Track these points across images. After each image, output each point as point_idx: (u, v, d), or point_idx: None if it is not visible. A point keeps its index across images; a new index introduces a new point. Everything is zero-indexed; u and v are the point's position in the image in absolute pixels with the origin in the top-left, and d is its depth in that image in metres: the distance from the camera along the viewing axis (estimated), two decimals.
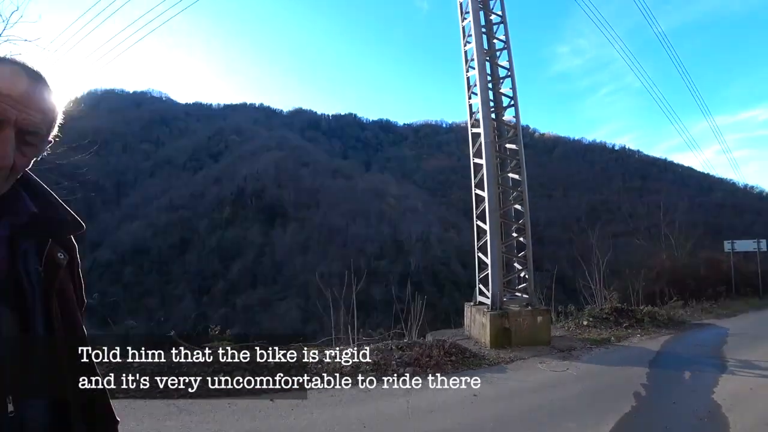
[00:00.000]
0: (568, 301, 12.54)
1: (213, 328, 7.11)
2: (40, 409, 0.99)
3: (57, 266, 1.03)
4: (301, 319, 39.21)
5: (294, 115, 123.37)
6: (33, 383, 0.98)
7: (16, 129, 0.92)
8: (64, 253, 1.07)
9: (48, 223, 1.06)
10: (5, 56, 0.98)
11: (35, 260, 1.01)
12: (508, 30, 9.29)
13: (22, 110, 0.92)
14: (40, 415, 0.99)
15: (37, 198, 1.08)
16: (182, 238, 63.07)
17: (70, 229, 1.11)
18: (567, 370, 6.67)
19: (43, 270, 1.01)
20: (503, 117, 9.35)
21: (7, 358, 0.94)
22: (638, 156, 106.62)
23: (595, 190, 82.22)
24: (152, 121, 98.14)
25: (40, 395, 0.99)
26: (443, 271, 55.54)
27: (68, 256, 1.08)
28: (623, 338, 9.01)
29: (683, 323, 10.98)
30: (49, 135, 1.01)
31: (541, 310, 8.48)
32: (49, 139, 1.03)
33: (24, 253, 1.00)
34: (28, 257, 1.01)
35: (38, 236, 1.04)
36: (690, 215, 20.66)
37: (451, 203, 78.73)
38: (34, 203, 1.06)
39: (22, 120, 0.92)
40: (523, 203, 9.00)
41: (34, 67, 0.99)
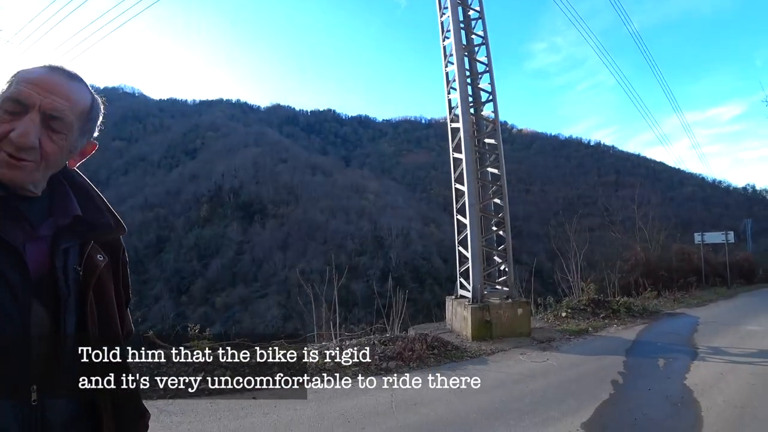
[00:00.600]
0: (546, 293, 12.79)
1: (192, 327, 6.96)
2: (65, 401, 1.03)
3: (95, 267, 1.07)
4: (282, 317, 38.86)
5: (271, 110, 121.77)
6: (60, 377, 1.02)
7: (40, 113, 0.96)
8: (103, 254, 1.11)
9: (90, 226, 1.10)
10: (45, 63, 1.04)
11: (76, 260, 1.06)
12: (486, 26, 9.36)
13: (46, 96, 0.97)
14: (62, 406, 1.02)
15: (84, 200, 1.12)
16: (159, 236, 61.68)
17: (111, 232, 1.16)
18: (547, 360, 6.79)
19: (82, 270, 1.05)
20: (482, 112, 9.43)
21: (37, 352, 0.97)
22: (613, 151, 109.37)
23: (572, 184, 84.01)
24: (125, 117, 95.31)
25: (65, 390, 1.03)
26: (424, 266, 55.86)
27: (107, 258, 1.12)
28: (600, 328, 9.24)
29: (657, 313, 11.34)
30: (83, 127, 1.05)
31: (521, 303, 8.61)
32: (84, 131, 1.06)
33: (65, 252, 1.04)
34: (69, 257, 1.05)
35: (80, 237, 1.08)
36: (662, 209, 21.28)
37: (431, 198, 79.27)
38: (80, 204, 1.10)
39: (46, 104, 0.96)
40: (503, 197, 9.10)
41: (68, 68, 1.05)
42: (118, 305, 1.20)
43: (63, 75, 1.02)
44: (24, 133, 0.93)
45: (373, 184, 79.36)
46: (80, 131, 1.05)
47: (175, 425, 4.10)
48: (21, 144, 0.93)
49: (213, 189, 70.79)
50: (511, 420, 4.42)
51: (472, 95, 9.32)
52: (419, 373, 6.06)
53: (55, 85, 0.99)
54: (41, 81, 0.98)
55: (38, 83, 0.97)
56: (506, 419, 4.44)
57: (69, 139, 1.02)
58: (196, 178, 73.86)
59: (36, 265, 0.99)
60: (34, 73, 0.99)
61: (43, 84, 0.97)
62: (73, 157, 1.09)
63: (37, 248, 1.00)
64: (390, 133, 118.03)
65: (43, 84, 0.97)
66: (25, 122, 0.94)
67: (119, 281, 1.21)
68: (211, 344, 6.61)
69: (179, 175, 75.55)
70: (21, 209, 0.99)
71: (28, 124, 0.94)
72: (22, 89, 0.96)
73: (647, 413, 4.60)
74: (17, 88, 0.97)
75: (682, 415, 4.62)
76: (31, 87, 0.96)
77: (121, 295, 1.23)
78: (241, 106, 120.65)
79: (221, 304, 49.21)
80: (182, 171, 76.76)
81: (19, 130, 0.93)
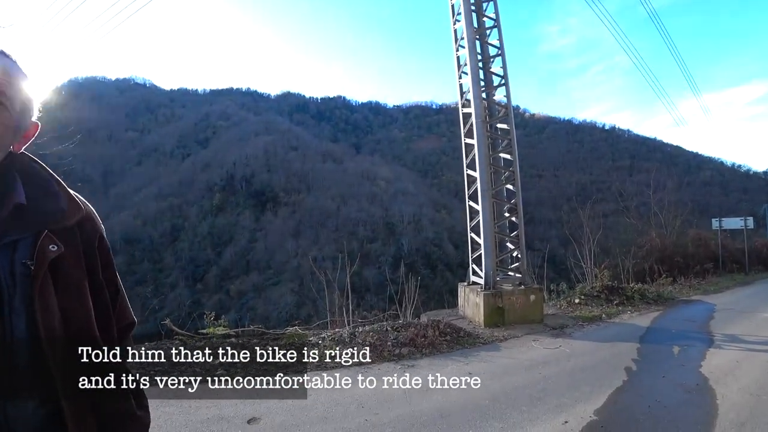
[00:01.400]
0: (559, 279, 12.72)
1: (208, 315, 7.10)
2: (29, 410, 0.95)
3: (44, 259, 0.97)
4: (296, 304, 39.36)
5: (282, 98, 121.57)
6: (16, 386, 0.94)
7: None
8: (58, 244, 1.00)
9: (39, 214, 1.01)
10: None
11: (26, 254, 0.97)
12: (497, 8, 9.15)
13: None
14: (30, 417, 0.95)
15: (34, 186, 1.04)
16: (173, 225, 62.54)
17: (65, 218, 1.05)
18: (560, 347, 6.78)
19: (34, 264, 0.96)
20: (494, 96, 9.28)
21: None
22: (628, 135, 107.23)
23: (586, 169, 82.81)
24: (137, 108, 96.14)
25: (25, 398, 0.95)
26: (436, 252, 55.93)
27: (62, 247, 1.01)
28: (614, 315, 9.17)
29: (672, 299, 11.21)
30: (24, 103, 0.99)
31: (533, 289, 8.58)
32: (25, 109, 1.00)
33: (12, 247, 0.96)
34: (17, 251, 0.96)
35: (30, 228, 0.99)
36: (679, 194, 20.81)
37: (442, 184, 78.86)
38: (29, 192, 1.02)
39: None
40: (515, 183, 9.01)
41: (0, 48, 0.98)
42: (100, 296, 1.11)
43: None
44: None
45: (384, 171, 79.16)
46: (21, 108, 0.99)
47: (193, 410, 4.20)
48: None
49: (225, 178, 71.34)
50: (524, 406, 4.44)
51: (484, 79, 9.17)
52: (432, 359, 6.11)
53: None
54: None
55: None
56: (518, 405, 4.46)
57: (11, 116, 0.96)
58: (208, 167, 74.44)
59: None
60: None
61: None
62: (17, 140, 1.03)
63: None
64: (400, 119, 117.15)
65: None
66: None
67: (96, 271, 1.11)
68: (227, 329, 6.75)
69: (192, 164, 76.23)
70: None
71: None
72: None
73: (661, 400, 4.58)
74: None
75: (696, 402, 4.59)
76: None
77: (102, 286, 1.13)
78: (252, 94, 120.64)
79: (235, 292, 50.00)
80: (194, 160, 77.42)
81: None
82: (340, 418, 4.20)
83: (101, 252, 1.14)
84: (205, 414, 4.15)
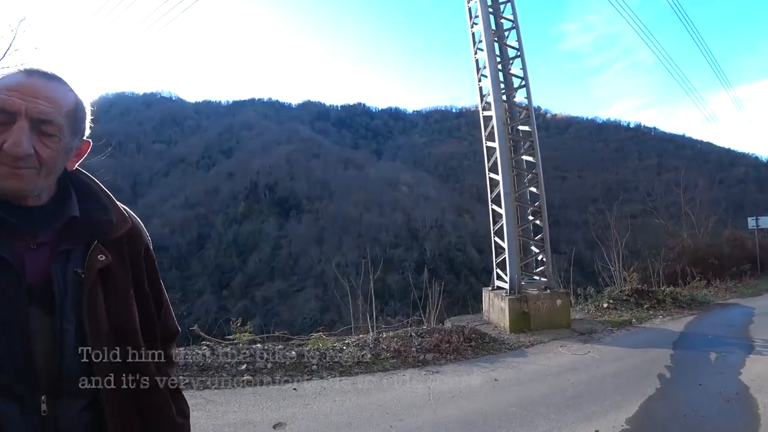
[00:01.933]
0: (586, 283, 12.41)
1: (234, 321, 7.22)
2: (75, 410, 1.01)
3: (93, 268, 1.04)
4: (320, 309, 39.62)
5: (303, 107, 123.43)
6: (65, 386, 0.99)
7: (29, 119, 0.95)
8: (106, 254, 1.06)
9: (91, 225, 1.08)
10: (20, 67, 1.01)
11: (79, 263, 1.03)
12: (515, 8, 9.06)
13: (30, 101, 0.95)
14: (76, 417, 1.01)
15: (87, 199, 1.11)
16: (200, 234, 64.00)
17: (114, 229, 1.11)
18: (588, 353, 6.61)
19: (84, 272, 1.02)
20: (514, 98, 9.17)
21: (39, 359, 0.96)
22: (654, 133, 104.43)
23: (611, 169, 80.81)
24: (164, 121, 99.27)
25: (72, 398, 1.00)
26: (459, 257, 55.42)
27: (110, 257, 1.07)
28: (645, 320, 8.88)
29: (706, 303, 10.77)
30: (73, 126, 1.03)
31: (560, 293, 8.40)
32: (75, 130, 1.05)
33: (66, 256, 1.03)
34: (70, 260, 1.03)
35: (83, 239, 1.06)
36: (711, 192, 20.10)
37: (465, 189, 78.24)
38: (83, 205, 1.09)
39: (32, 110, 0.95)
40: (538, 185, 8.86)
41: (45, 69, 1.02)
42: (145, 305, 1.16)
43: (42, 77, 1.00)
44: (16, 142, 0.92)
45: (406, 176, 79.16)
46: (71, 131, 1.03)
47: (220, 414, 4.27)
48: (16, 154, 0.92)
49: (249, 186, 72.67)
50: (552, 414, 4.34)
51: (504, 82, 9.08)
52: (456, 366, 6.04)
53: (37, 89, 0.97)
54: (21, 86, 0.96)
55: (19, 89, 0.95)
56: (546, 413, 4.36)
57: (62, 140, 1.00)
58: (232, 176, 76.02)
59: (37, 272, 0.99)
60: (12, 80, 0.97)
61: (24, 89, 0.96)
62: (71, 159, 1.08)
63: (38, 256, 1.00)
64: (421, 124, 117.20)
65: (24, 89, 0.96)
66: (15, 131, 0.93)
67: (142, 280, 1.17)
68: (253, 335, 6.83)
69: (217, 174, 78.01)
70: (13, 220, 0.98)
71: (18, 133, 0.93)
72: (5, 98, 0.94)
73: (698, 410, 4.40)
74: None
75: (736, 412, 4.38)
76: (13, 94, 0.95)
77: (147, 295, 1.18)
78: (273, 104, 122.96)
79: (260, 298, 50.67)
80: (219, 170, 79.21)
81: (11, 140, 0.92)
82: (365, 424, 4.19)
83: (147, 263, 1.20)
84: (231, 418, 4.21)
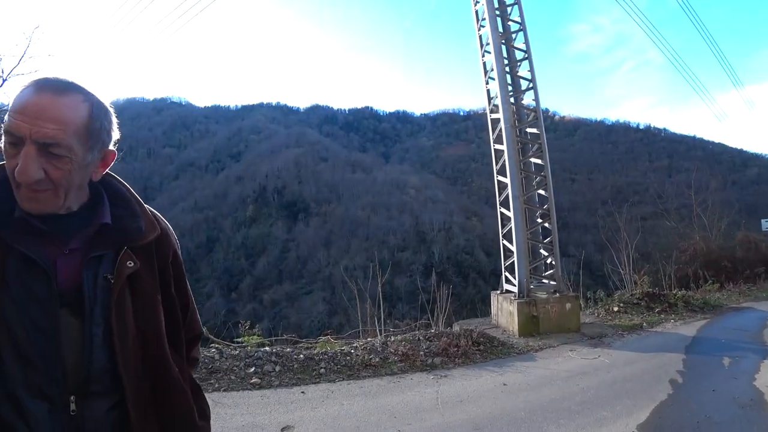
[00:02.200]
0: (596, 286, 12.30)
1: (243, 324, 7.25)
2: (102, 411, 1.04)
3: (122, 274, 1.06)
4: (328, 312, 39.64)
5: (311, 111, 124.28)
6: (92, 387, 1.02)
7: (34, 143, 0.94)
8: (135, 260, 1.09)
9: (121, 232, 1.10)
10: (33, 80, 0.99)
11: (109, 268, 1.06)
12: (522, 11, 9.03)
13: (34, 124, 0.93)
14: (102, 417, 1.03)
15: (119, 206, 1.13)
16: (209, 237, 64.52)
17: (143, 236, 1.13)
18: (598, 357, 6.53)
19: (114, 277, 1.05)
20: (522, 101, 9.14)
21: (70, 362, 1.00)
22: (665, 134, 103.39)
23: (621, 171, 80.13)
24: (173, 125, 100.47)
25: (99, 399, 1.03)
26: (467, 260, 55.19)
27: (138, 263, 1.09)
28: (656, 324, 8.76)
29: (720, 307, 10.61)
30: (86, 142, 1.01)
31: (569, 297, 8.32)
32: (90, 145, 1.02)
33: (97, 261, 1.05)
34: (101, 266, 1.06)
35: (113, 245, 1.08)
36: (723, 193, 19.78)
37: (472, 191, 78.09)
38: (115, 211, 1.11)
39: (35, 133, 0.94)
40: (547, 188, 8.81)
41: (54, 80, 0.99)
42: (171, 308, 1.19)
43: (50, 93, 0.96)
44: (22, 170, 0.93)
45: (414, 179, 79.18)
46: (84, 147, 1.01)
47: (229, 417, 4.29)
48: (23, 181, 0.94)
49: (258, 190, 73.16)
50: (561, 419, 4.29)
51: (512, 84, 9.05)
52: (465, 370, 6.00)
53: (42, 110, 0.94)
54: (27, 108, 0.94)
55: (25, 111, 0.94)
56: (556, 418, 4.31)
57: (74, 159, 0.99)
58: (241, 180, 76.61)
59: (67, 277, 1.02)
60: (22, 99, 0.96)
61: (29, 111, 0.94)
62: (93, 170, 1.08)
63: (69, 261, 1.03)
64: (428, 127, 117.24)
65: (29, 111, 0.94)
66: (22, 158, 0.94)
67: (169, 285, 1.19)
68: (261, 339, 6.85)
69: (225, 177, 78.68)
70: (46, 227, 1.01)
71: (25, 160, 0.93)
72: (12, 121, 0.94)
73: (711, 416, 4.32)
74: (9, 119, 0.95)
75: (752, 418, 4.30)
76: (19, 117, 0.94)
77: (174, 299, 1.20)
78: (281, 108, 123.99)
79: (269, 301, 50.88)
80: (228, 174, 79.89)
81: (19, 168, 0.94)
82: (372, 427, 4.17)
83: (175, 267, 1.23)
84: (239, 421, 4.22)
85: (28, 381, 0.97)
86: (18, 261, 0.99)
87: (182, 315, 1.25)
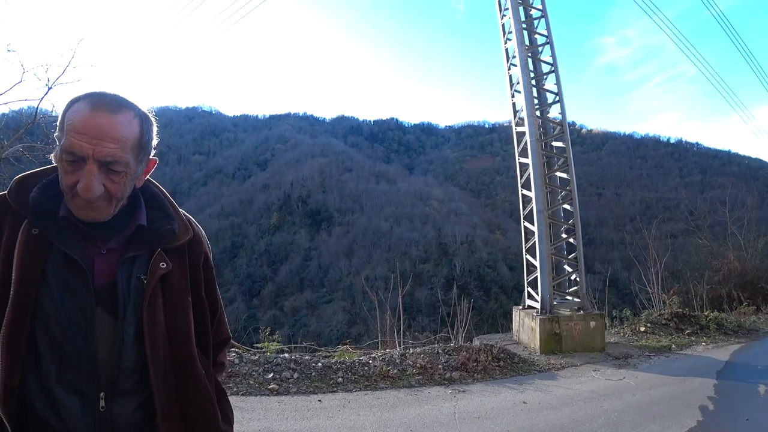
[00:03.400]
0: (622, 305, 11.92)
1: (263, 330, 7.34)
2: (130, 409, 1.07)
3: (154, 275, 1.10)
4: (347, 322, 39.67)
5: (336, 122, 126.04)
6: (122, 385, 1.06)
7: (96, 162, 1.01)
8: (167, 261, 1.13)
9: (156, 234, 1.15)
10: (84, 93, 1.06)
11: (143, 269, 1.11)
12: (549, 24, 8.98)
13: (97, 144, 1.00)
14: (130, 415, 1.07)
15: (155, 209, 1.19)
16: (233, 243, 65.76)
17: (175, 238, 1.17)
18: (623, 378, 6.31)
19: (147, 278, 1.10)
20: (548, 114, 9.05)
21: (103, 358, 1.04)
22: (697, 149, 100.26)
23: (650, 187, 77.90)
24: (203, 133, 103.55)
25: (129, 397, 1.07)
26: (489, 274, 54.43)
27: (170, 265, 1.13)
28: (686, 346, 8.42)
29: (755, 331, 10.10)
30: (138, 156, 1.09)
31: (594, 315, 8.10)
32: (141, 159, 1.11)
33: (132, 262, 1.10)
34: (135, 266, 1.10)
35: (148, 246, 1.13)
36: (761, 211, 18.93)
37: (497, 205, 77.29)
38: (150, 214, 1.16)
39: (98, 153, 1.00)
40: (573, 203, 8.65)
41: (108, 98, 1.05)
42: (200, 310, 1.22)
43: (106, 112, 1.02)
44: (87, 188, 1.00)
45: (437, 191, 79.02)
46: (137, 160, 1.09)
47: (245, 421, 4.33)
48: (88, 198, 1.01)
49: (282, 198, 74.35)
50: None
51: (538, 97, 8.99)
52: (484, 385, 5.90)
53: (102, 130, 1.01)
54: (87, 128, 1.00)
55: (85, 131, 1.00)
56: None
57: (129, 172, 1.07)
58: (267, 188, 78.08)
59: (104, 276, 1.07)
60: (78, 118, 1.01)
61: (90, 131, 1.00)
62: (138, 179, 1.15)
63: (106, 261, 1.08)
64: (453, 139, 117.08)
65: (90, 131, 1.00)
66: (86, 176, 1.00)
67: (199, 287, 1.22)
68: (281, 346, 6.92)
69: (251, 185, 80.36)
70: (86, 228, 1.07)
71: (88, 177, 1.00)
72: (74, 141, 1.00)
73: None
74: (68, 139, 1.01)
75: None
76: (80, 137, 1.00)
77: (203, 301, 1.23)
78: (308, 118, 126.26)
79: (289, 308, 51.29)
80: (254, 181, 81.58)
81: (82, 185, 1.00)
82: None
83: (206, 270, 1.27)
84: (255, 426, 4.26)
85: (62, 375, 1.02)
86: (58, 258, 1.05)
87: (211, 318, 1.28)
